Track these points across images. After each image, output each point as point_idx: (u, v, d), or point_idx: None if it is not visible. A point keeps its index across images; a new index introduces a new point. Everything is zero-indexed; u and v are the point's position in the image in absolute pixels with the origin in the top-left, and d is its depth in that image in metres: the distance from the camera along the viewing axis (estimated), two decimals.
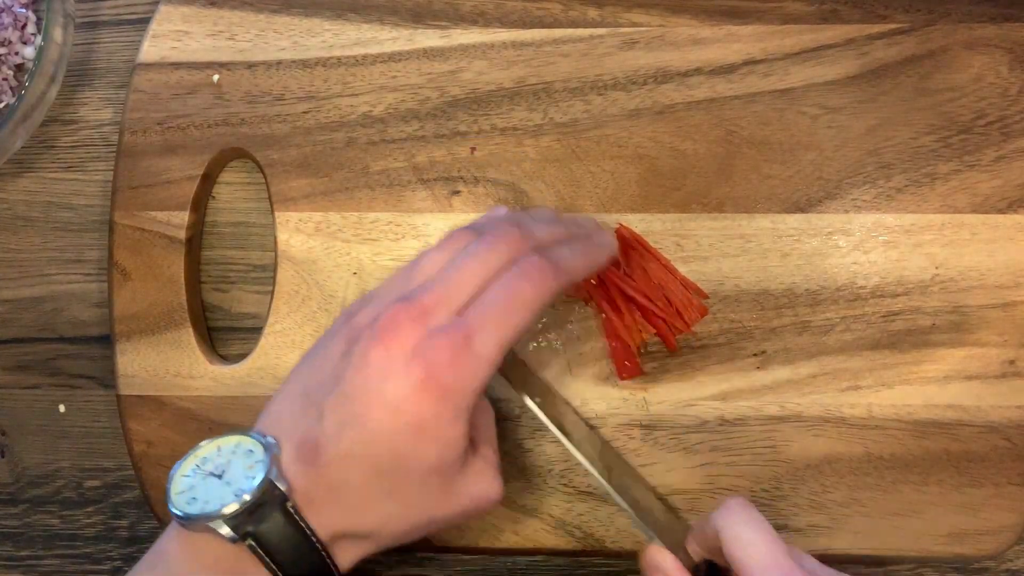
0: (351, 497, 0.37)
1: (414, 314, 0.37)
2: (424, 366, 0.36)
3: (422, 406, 0.36)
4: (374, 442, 0.36)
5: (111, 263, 0.50)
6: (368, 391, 0.36)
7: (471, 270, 0.38)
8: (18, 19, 0.52)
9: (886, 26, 0.49)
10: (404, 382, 0.36)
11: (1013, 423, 0.46)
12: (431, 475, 0.37)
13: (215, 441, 0.38)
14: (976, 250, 0.47)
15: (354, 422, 0.36)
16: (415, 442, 0.36)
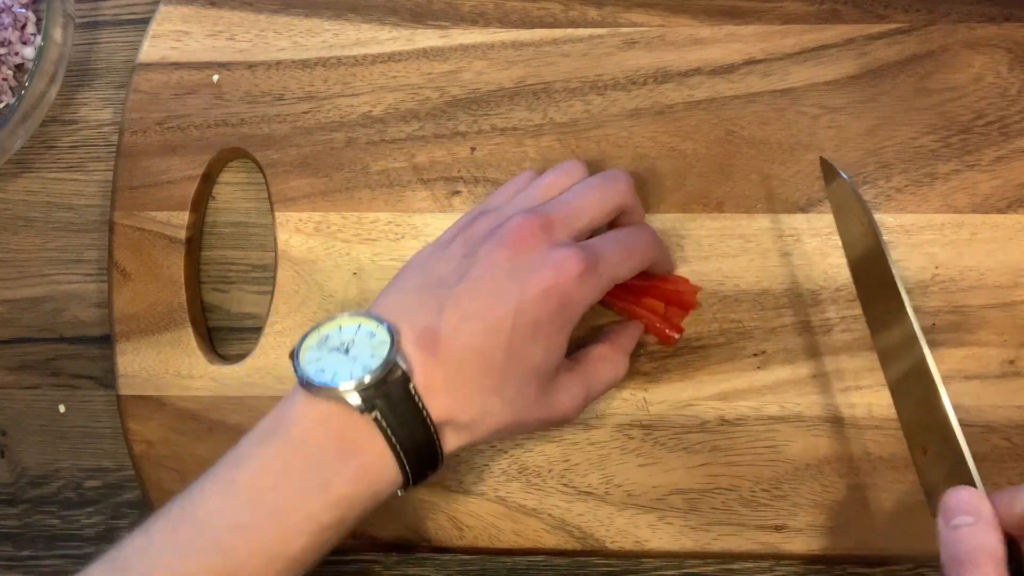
0: (462, 387, 0.39)
1: (540, 225, 0.40)
2: (555, 274, 0.39)
3: (544, 309, 0.39)
4: (491, 338, 0.38)
5: (111, 263, 0.50)
6: (493, 290, 0.39)
7: (593, 200, 0.42)
8: (18, 19, 0.52)
9: (886, 26, 0.49)
10: (531, 285, 0.38)
11: (1013, 423, 0.46)
12: (532, 376, 0.40)
13: (335, 320, 0.39)
14: (976, 250, 0.47)
15: (475, 317, 0.38)
16: (528, 342, 0.39)
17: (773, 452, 0.47)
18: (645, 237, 0.44)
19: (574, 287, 0.39)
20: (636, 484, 0.47)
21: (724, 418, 0.47)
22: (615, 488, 0.47)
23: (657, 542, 0.47)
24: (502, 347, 0.38)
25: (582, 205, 0.42)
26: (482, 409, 0.39)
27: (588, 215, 0.42)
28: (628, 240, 0.43)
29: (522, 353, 0.39)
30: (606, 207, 0.42)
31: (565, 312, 0.39)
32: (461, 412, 0.39)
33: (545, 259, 0.39)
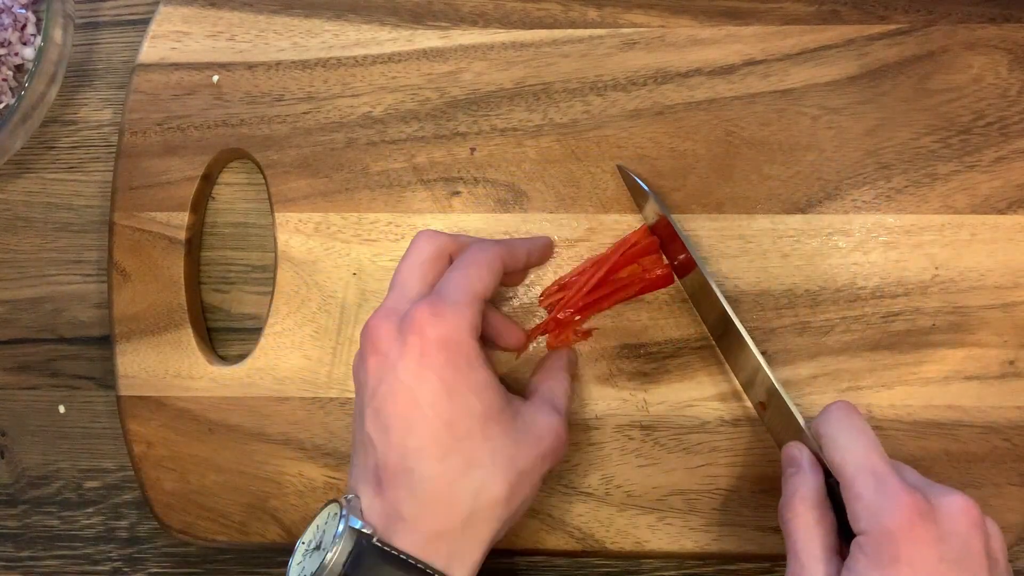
0: (436, 490, 0.37)
1: (381, 315, 0.40)
2: (414, 332, 0.38)
3: (435, 365, 0.38)
4: (419, 424, 0.38)
5: (111, 264, 0.50)
6: (386, 392, 0.38)
7: (408, 266, 0.42)
8: (18, 19, 0.52)
9: (886, 27, 0.49)
10: (407, 359, 0.38)
11: (1013, 423, 0.46)
12: (488, 425, 0.39)
13: (313, 521, 0.39)
14: (976, 250, 0.47)
15: (394, 423, 0.38)
16: (452, 400, 0.38)
17: (773, 452, 0.47)
18: (474, 249, 0.43)
19: (437, 327, 0.38)
20: (636, 485, 0.47)
21: (724, 419, 0.47)
22: (615, 488, 0.47)
23: (657, 543, 0.47)
24: (437, 423, 0.38)
25: (402, 278, 0.42)
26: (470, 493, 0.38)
27: (412, 280, 0.42)
28: (458, 262, 0.42)
29: (459, 413, 0.38)
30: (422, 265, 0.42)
31: (458, 351, 0.39)
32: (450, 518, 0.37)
33: (401, 332, 0.39)
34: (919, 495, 0.35)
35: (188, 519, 0.49)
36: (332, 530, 0.37)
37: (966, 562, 0.35)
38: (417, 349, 0.38)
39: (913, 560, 0.34)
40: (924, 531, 0.35)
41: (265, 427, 0.48)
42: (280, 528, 0.48)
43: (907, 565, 0.34)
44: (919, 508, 0.35)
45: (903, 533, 0.35)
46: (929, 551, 0.34)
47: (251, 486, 0.48)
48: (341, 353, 0.49)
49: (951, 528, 0.35)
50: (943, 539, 0.35)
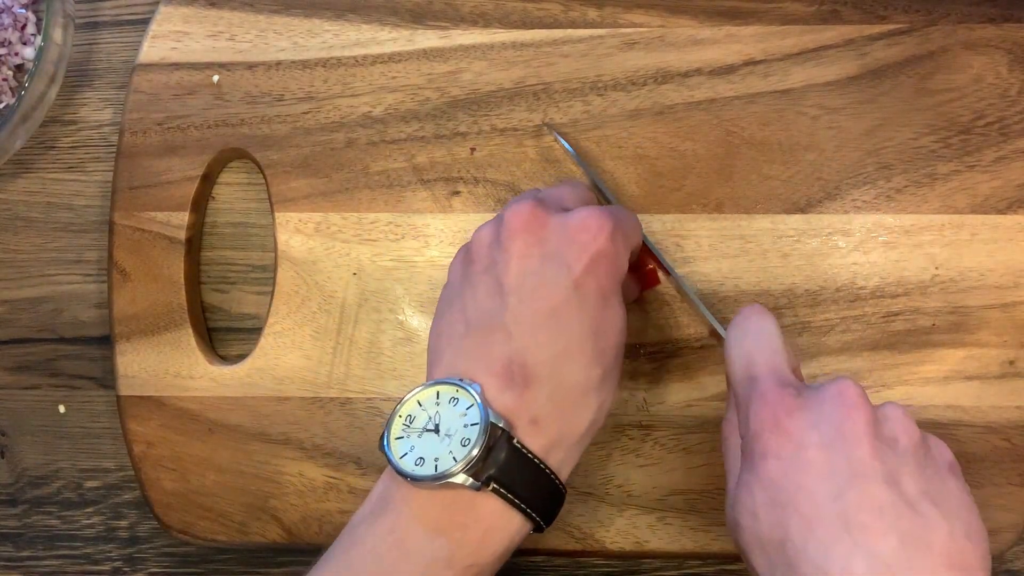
0: (571, 397, 0.36)
1: (538, 205, 0.37)
2: (589, 235, 0.36)
3: (601, 275, 0.37)
4: (573, 329, 0.36)
5: (111, 263, 0.50)
6: (541, 286, 0.36)
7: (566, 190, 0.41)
8: (18, 19, 0.52)
9: (886, 26, 0.49)
10: (579, 256, 0.36)
11: (1013, 423, 0.46)
12: (620, 337, 0.38)
13: (412, 397, 0.36)
14: (976, 250, 0.47)
15: (546, 321, 0.36)
16: (605, 311, 0.37)
17: None
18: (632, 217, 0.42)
19: (611, 243, 0.37)
20: (636, 484, 0.47)
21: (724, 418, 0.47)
22: (615, 488, 0.47)
23: (657, 542, 0.47)
24: (588, 332, 0.36)
25: (559, 193, 0.41)
26: (596, 406, 0.37)
27: (570, 200, 0.40)
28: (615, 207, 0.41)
29: (609, 325, 0.37)
30: (579, 197, 0.41)
31: (618, 270, 0.38)
32: (576, 427, 0.37)
33: (568, 228, 0.37)
34: (788, 391, 0.35)
35: (188, 519, 0.49)
36: (459, 417, 0.35)
37: (841, 444, 0.33)
38: (590, 251, 0.36)
39: (780, 452, 0.33)
40: (791, 421, 0.34)
41: (265, 427, 0.48)
42: (280, 528, 0.48)
43: (775, 458, 0.33)
44: (785, 403, 0.34)
45: (769, 428, 0.34)
46: (798, 439, 0.33)
47: (251, 486, 0.48)
48: (341, 353, 0.49)
49: (824, 413, 0.34)
50: (815, 425, 0.33)
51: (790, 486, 0.33)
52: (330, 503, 0.48)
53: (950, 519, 0.32)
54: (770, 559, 0.33)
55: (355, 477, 0.48)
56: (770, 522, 0.33)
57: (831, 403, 0.34)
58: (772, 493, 0.33)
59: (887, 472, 0.32)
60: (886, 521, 0.31)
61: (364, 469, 0.48)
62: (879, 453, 0.33)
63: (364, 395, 0.48)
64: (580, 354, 0.36)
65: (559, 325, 0.36)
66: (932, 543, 0.31)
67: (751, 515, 0.34)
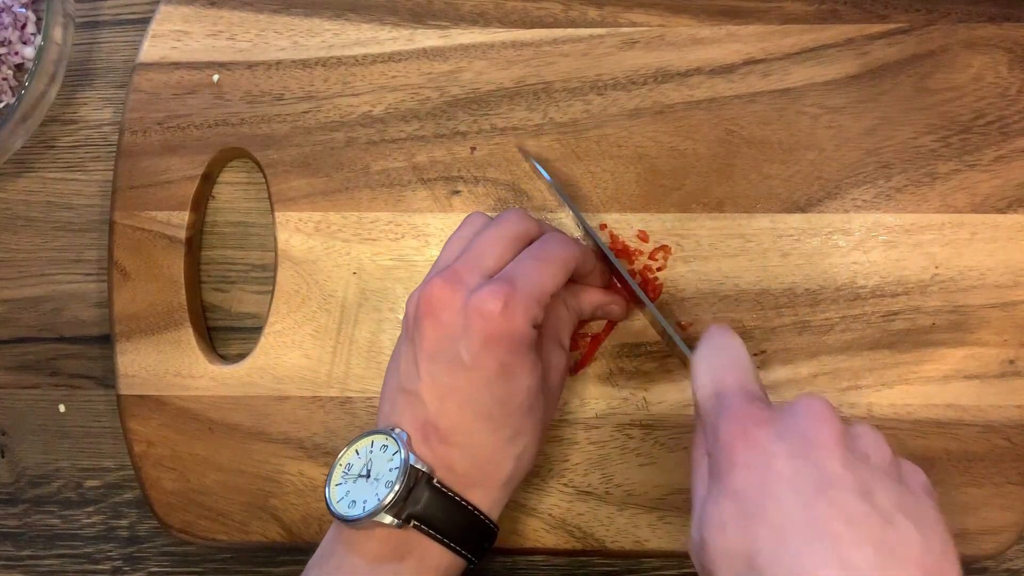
0: (484, 454, 0.40)
1: (449, 281, 0.40)
2: (481, 317, 0.39)
3: (497, 352, 0.39)
4: (476, 401, 0.39)
5: (111, 263, 0.50)
6: (444, 363, 0.39)
7: (493, 237, 0.42)
8: (18, 19, 0.52)
9: (886, 26, 0.49)
10: (470, 341, 0.39)
11: (1013, 423, 0.46)
12: (534, 396, 0.41)
13: (352, 446, 0.41)
14: (976, 250, 0.47)
15: (450, 394, 0.39)
16: (508, 382, 0.39)
17: None
18: (554, 242, 0.43)
19: (506, 321, 0.39)
20: (636, 484, 0.47)
21: None
22: (615, 488, 0.47)
23: (657, 542, 0.47)
24: (491, 402, 0.39)
25: (481, 246, 0.42)
26: (513, 458, 0.41)
27: (492, 253, 0.42)
28: (537, 251, 0.42)
29: (514, 391, 0.40)
30: (506, 241, 0.42)
31: (517, 342, 0.39)
32: (495, 476, 0.40)
33: (466, 311, 0.39)
34: (756, 405, 0.35)
35: (188, 518, 0.49)
36: (385, 462, 0.39)
37: (810, 454, 0.32)
38: (482, 334, 0.39)
39: (748, 463, 0.33)
40: (759, 433, 0.34)
41: (265, 426, 0.48)
42: (280, 527, 0.48)
43: (742, 469, 0.33)
44: (752, 416, 0.34)
45: (737, 439, 0.34)
46: (766, 450, 0.33)
47: (251, 485, 0.48)
48: (341, 352, 0.49)
49: (791, 425, 0.34)
50: (783, 436, 0.33)
51: (758, 496, 0.32)
52: None
53: (926, 534, 0.31)
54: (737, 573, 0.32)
55: None
56: (738, 533, 0.32)
57: (800, 416, 0.34)
58: (741, 504, 0.33)
59: (859, 484, 0.32)
60: (860, 531, 0.31)
61: None
62: (850, 465, 0.32)
63: (364, 394, 0.48)
64: (486, 420, 0.40)
65: (463, 398, 0.39)
66: (907, 555, 0.31)
67: (719, 528, 0.33)
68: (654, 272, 0.48)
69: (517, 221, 0.43)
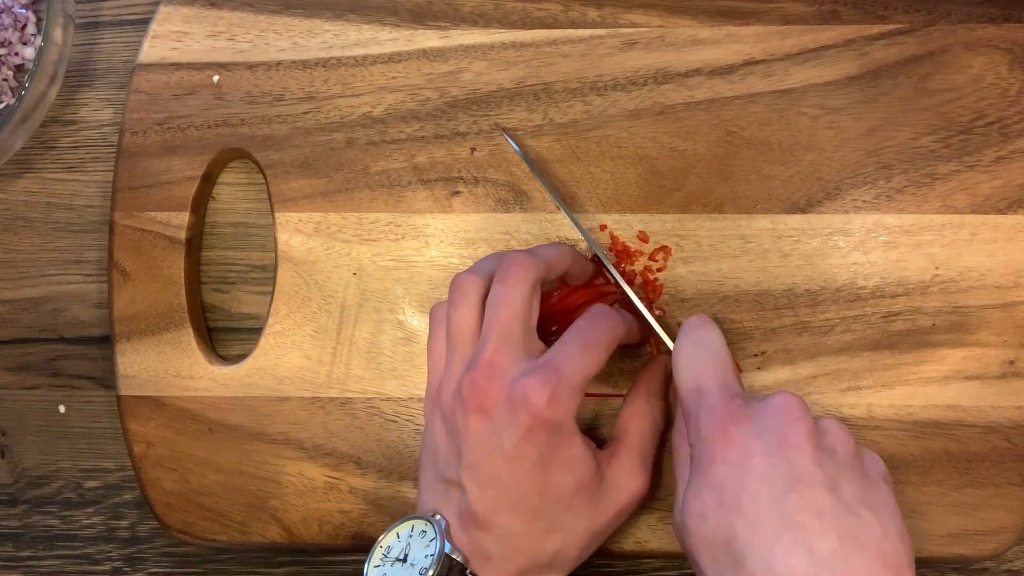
0: (520, 544, 0.40)
1: (488, 373, 0.40)
2: (526, 410, 0.38)
3: (538, 443, 0.39)
4: (514, 490, 0.39)
5: (111, 263, 0.50)
6: (487, 453, 0.39)
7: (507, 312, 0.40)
8: (18, 19, 0.52)
9: (886, 27, 0.49)
10: (513, 431, 0.39)
11: (1013, 423, 0.46)
12: (577, 497, 0.40)
13: (393, 530, 0.41)
14: (976, 250, 0.47)
15: (490, 483, 0.39)
16: (547, 475, 0.40)
17: None
18: (603, 321, 0.42)
19: (550, 411, 0.39)
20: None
21: None
22: None
23: (657, 542, 0.47)
24: (530, 494, 0.39)
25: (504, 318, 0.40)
26: (551, 552, 0.40)
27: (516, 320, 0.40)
28: (583, 334, 0.41)
29: (550, 485, 0.40)
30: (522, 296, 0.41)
31: (560, 432, 0.39)
32: (531, 564, 0.40)
33: (511, 402, 0.39)
34: (735, 402, 0.38)
35: (188, 519, 0.49)
36: (422, 548, 0.40)
37: (784, 451, 0.36)
38: (526, 426, 0.39)
39: (727, 458, 0.36)
40: (737, 431, 0.37)
41: (265, 427, 0.48)
42: (280, 528, 0.48)
43: (722, 463, 0.36)
44: (731, 413, 0.37)
45: (717, 436, 0.37)
46: (744, 446, 0.36)
47: (251, 486, 0.48)
48: (341, 353, 0.49)
49: (768, 423, 0.37)
50: (760, 434, 0.37)
51: (736, 489, 0.36)
52: (330, 503, 0.48)
53: (883, 522, 0.35)
54: (716, 558, 0.36)
55: (355, 477, 0.48)
56: (717, 522, 0.36)
57: (774, 414, 0.37)
58: (719, 496, 0.36)
59: (827, 478, 0.35)
60: (825, 522, 0.34)
61: (364, 469, 0.48)
62: (819, 461, 0.36)
63: (364, 395, 0.48)
64: (523, 512, 0.40)
65: (502, 488, 0.39)
66: (867, 543, 0.34)
67: (699, 517, 0.36)
68: (654, 273, 0.48)
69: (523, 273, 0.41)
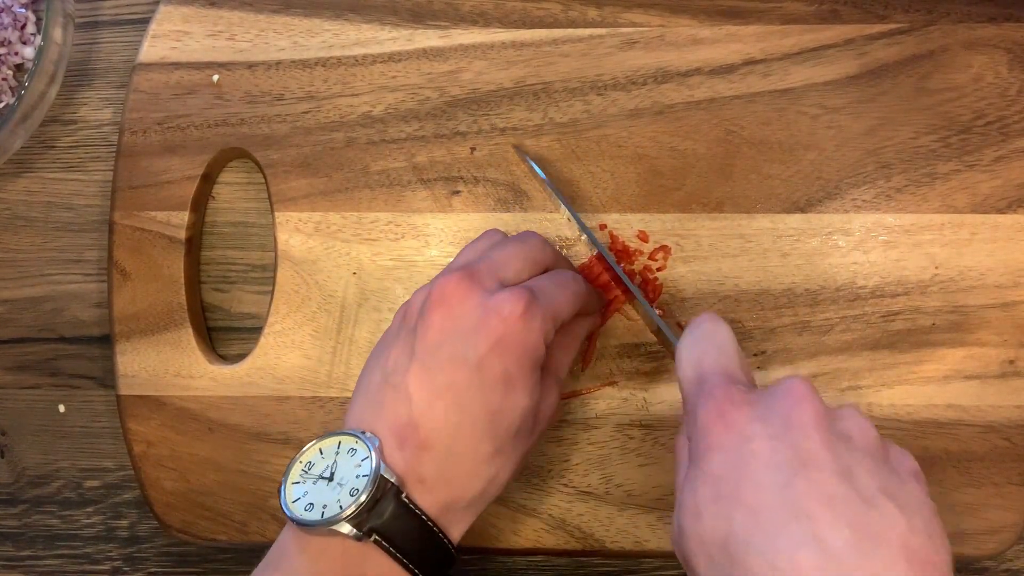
0: (460, 467, 0.37)
1: (464, 277, 0.38)
2: (500, 321, 0.37)
3: (506, 359, 0.37)
4: (469, 406, 0.37)
5: (111, 263, 0.50)
6: (446, 356, 0.37)
7: (513, 251, 0.41)
8: (18, 19, 0.52)
9: (886, 26, 0.49)
10: (482, 340, 0.37)
11: (1013, 423, 0.46)
12: (525, 420, 0.39)
13: (315, 444, 0.38)
14: (976, 250, 0.47)
15: (443, 393, 0.37)
16: (506, 394, 0.37)
17: None
18: (573, 276, 0.43)
19: (523, 327, 0.37)
20: (636, 484, 0.47)
21: None
22: (615, 488, 0.47)
23: (657, 542, 0.47)
24: (482, 411, 0.37)
25: (503, 257, 0.41)
26: (487, 478, 0.38)
27: (512, 266, 0.40)
28: (558, 277, 0.41)
29: (507, 406, 0.38)
30: (526, 259, 0.41)
31: (527, 354, 0.38)
32: (464, 493, 0.38)
33: (484, 309, 0.38)
34: (735, 388, 0.34)
35: (188, 518, 0.49)
36: (352, 467, 0.37)
37: (789, 435, 0.31)
38: (495, 335, 0.37)
39: (724, 444, 0.32)
40: (737, 414, 0.33)
41: (265, 426, 0.48)
42: (280, 527, 0.48)
43: (718, 451, 0.32)
44: (731, 398, 0.33)
45: (714, 422, 0.33)
46: (744, 431, 0.32)
47: (251, 485, 0.48)
48: (341, 352, 0.49)
49: (771, 406, 0.33)
50: (762, 418, 0.32)
51: (734, 477, 0.31)
52: None
53: (909, 515, 0.30)
54: (712, 559, 0.31)
55: None
56: (713, 518, 0.31)
57: (779, 398, 0.33)
58: (715, 487, 0.32)
59: (839, 464, 0.31)
60: (836, 511, 0.30)
61: None
62: (830, 445, 0.31)
63: None
64: (472, 430, 0.37)
65: (456, 399, 0.37)
66: (889, 537, 0.30)
67: (693, 515, 0.32)
68: (654, 272, 0.48)
69: (539, 246, 0.42)
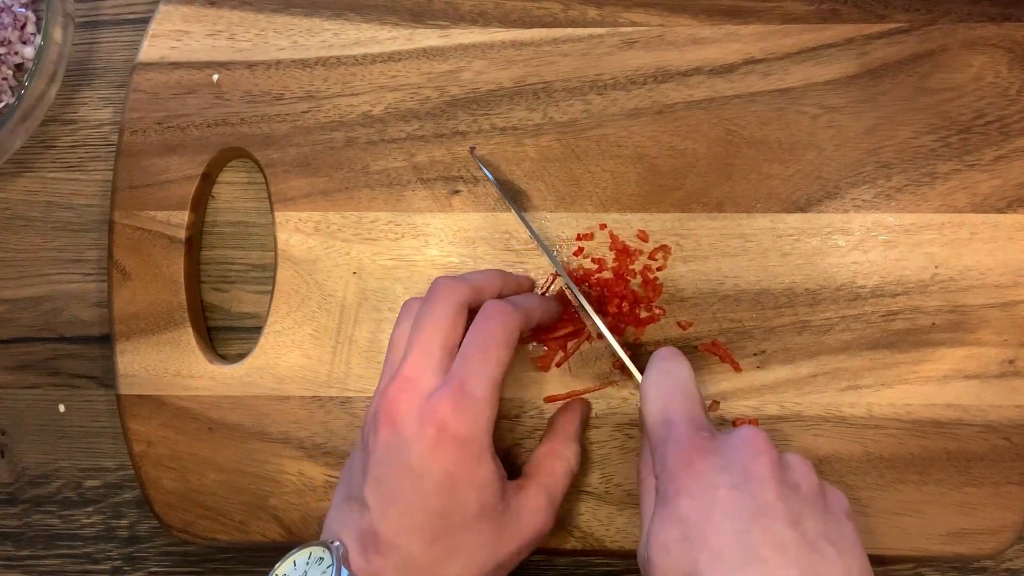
0: (418, 567, 0.39)
1: (402, 387, 0.40)
2: (433, 424, 0.39)
3: (445, 460, 0.39)
4: (417, 509, 0.39)
5: (111, 263, 0.50)
6: (393, 466, 0.39)
7: (431, 323, 0.41)
8: (18, 19, 0.52)
9: (885, 26, 0.49)
10: (420, 445, 0.39)
11: (1013, 423, 0.46)
12: (480, 521, 0.40)
13: (290, 557, 0.40)
14: (976, 250, 0.47)
15: (393, 499, 0.39)
16: (452, 494, 0.39)
17: None
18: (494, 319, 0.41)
19: (457, 425, 0.39)
20: (636, 484, 0.47)
21: (724, 418, 0.47)
22: (615, 487, 0.47)
23: None
24: (432, 513, 0.39)
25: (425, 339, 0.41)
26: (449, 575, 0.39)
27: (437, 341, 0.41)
28: (478, 340, 0.41)
29: (455, 506, 0.39)
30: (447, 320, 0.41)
31: (468, 448, 0.39)
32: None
33: (420, 415, 0.39)
34: (701, 435, 0.38)
35: (188, 518, 0.49)
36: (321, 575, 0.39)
37: (748, 485, 0.36)
38: (433, 439, 0.39)
39: (692, 490, 0.36)
40: (703, 463, 0.37)
41: (265, 426, 0.49)
42: (280, 527, 0.48)
43: (686, 496, 0.36)
44: (697, 445, 0.37)
45: (682, 468, 0.37)
46: (709, 479, 0.36)
47: (251, 485, 0.48)
48: (341, 352, 0.49)
49: (733, 457, 0.37)
50: (725, 468, 0.36)
51: (701, 522, 0.35)
52: (330, 502, 0.48)
53: (845, 558, 0.35)
54: None
55: None
56: (680, 556, 0.35)
57: (740, 448, 0.37)
58: (684, 528, 0.36)
59: (790, 513, 0.35)
60: (787, 557, 0.34)
61: None
62: (783, 496, 0.36)
63: (364, 394, 0.48)
64: (422, 532, 0.39)
65: (405, 504, 0.39)
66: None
67: (663, 550, 0.36)
68: (654, 272, 0.48)
69: (448, 294, 0.42)
